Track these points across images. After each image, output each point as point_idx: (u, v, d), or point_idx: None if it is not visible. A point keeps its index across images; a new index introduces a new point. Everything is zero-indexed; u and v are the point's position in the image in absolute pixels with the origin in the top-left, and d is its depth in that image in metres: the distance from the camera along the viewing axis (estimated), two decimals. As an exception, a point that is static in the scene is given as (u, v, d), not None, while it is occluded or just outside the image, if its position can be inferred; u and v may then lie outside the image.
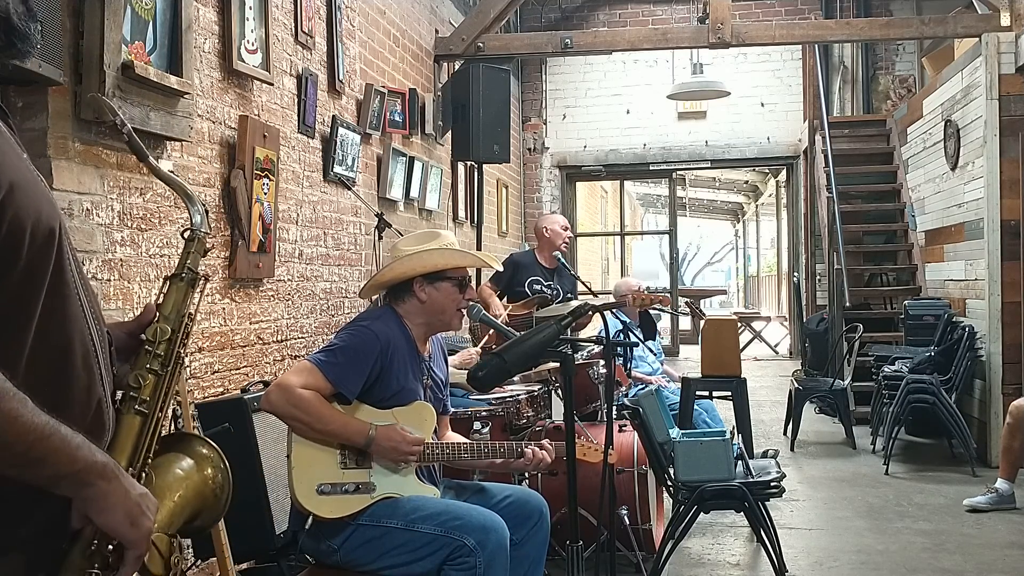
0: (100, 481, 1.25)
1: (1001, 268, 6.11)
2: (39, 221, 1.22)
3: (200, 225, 1.66)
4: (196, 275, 1.62)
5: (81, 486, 1.24)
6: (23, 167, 1.24)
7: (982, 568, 4.13)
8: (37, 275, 1.23)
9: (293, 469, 2.61)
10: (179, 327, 1.57)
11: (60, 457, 1.20)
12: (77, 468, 1.22)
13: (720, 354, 5.58)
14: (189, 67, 3.34)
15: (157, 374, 1.51)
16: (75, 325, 1.31)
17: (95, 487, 1.24)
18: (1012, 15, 6.22)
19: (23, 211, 1.19)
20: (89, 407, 1.33)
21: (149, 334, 1.54)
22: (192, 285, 1.61)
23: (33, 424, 1.16)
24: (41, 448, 1.17)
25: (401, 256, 2.83)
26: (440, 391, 2.96)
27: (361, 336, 2.68)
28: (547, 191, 10.84)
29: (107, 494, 1.25)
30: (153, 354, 1.52)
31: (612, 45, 7.59)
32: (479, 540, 2.54)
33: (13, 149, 1.24)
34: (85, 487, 1.24)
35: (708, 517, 4.40)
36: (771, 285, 22.44)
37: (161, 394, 1.50)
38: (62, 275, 1.28)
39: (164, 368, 1.52)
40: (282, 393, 2.56)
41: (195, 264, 1.63)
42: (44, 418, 1.18)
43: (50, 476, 1.21)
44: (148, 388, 1.49)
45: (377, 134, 5.66)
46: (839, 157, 8.65)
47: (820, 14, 9.88)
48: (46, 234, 1.24)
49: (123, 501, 1.27)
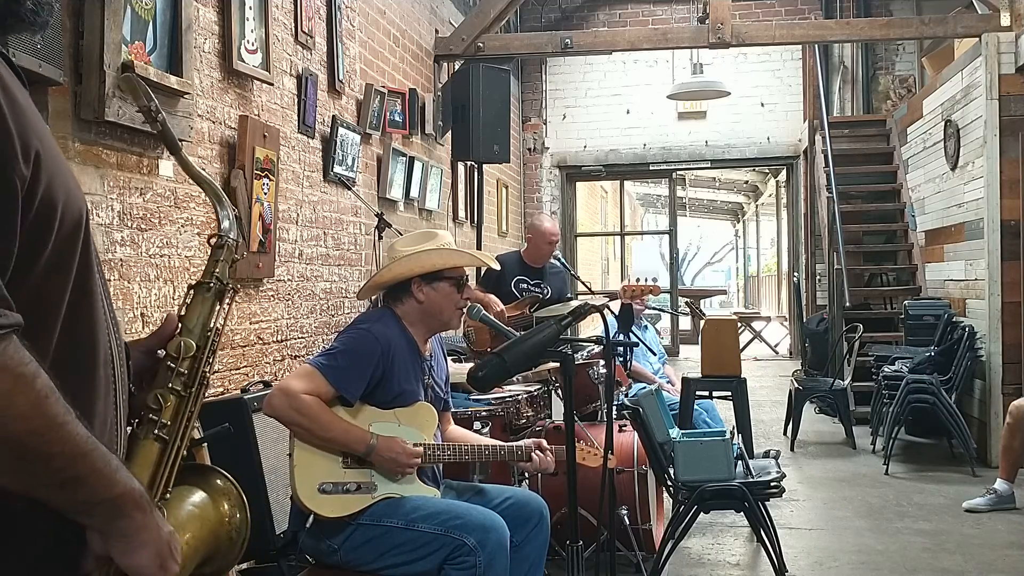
0: (136, 512, 1.07)
1: (1001, 268, 6.11)
2: (69, 201, 1.06)
3: (229, 231, 1.49)
4: (224, 286, 1.46)
5: (116, 516, 1.06)
6: (51, 140, 1.09)
7: (982, 568, 4.13)
8: (64, 265, 1.07)
9: (295, 468, 2.61)
10: (205, 343, 1.40)
11: (100, 479, 1.03)
12: (115, 493, 1.05)
13: (720, 354, 5.58)
14: (189, 67, 3.34)
15: (180, 395, 1.33)
16: (100, 328, 1.15)
17: (131, 519, 1.07)
18: (1012, 15, 6.22)
19: (54, 185, 1.03)
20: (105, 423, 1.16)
21: (172, 349, 1.37)
22: (220, 297, 1.45)
23: (78, 435, 1.00)
24: (83, 465, 1.00)
25: (398, 257, 2.83)
26: (441, 390, 2.96)
27: (362, 339, 2.69)
28: (547, 191, 10.85)
29: (142, 528, 1.08)
30: (176, 372, 1.34)
31: (612, 45, 7.59)
32: (479, 539, 2.55)
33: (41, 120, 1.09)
34: (120, 518, 1.06)
35: (708, 517, 4.40)
36: (771, 285, 22.43)
37: (184, 418, 1.33)
38: (88, 269, 1.12)
39: (187, 389, 1.35)
40: (284, 398, 2.56)
41: (224, 274, 1.46)
42: (85, 431, 1.01)
43: (85, 501, 1.03)
44: (169, 411, 1.31)
45: (377, 134, 5.66)
46: (839, 157, 8.65)
47: (820, 14, 9.88)
48: (76, 218, 1.08)
49: (156, 539, 1.10)
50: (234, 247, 1.48)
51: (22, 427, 0.94)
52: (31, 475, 0.98)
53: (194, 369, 1.36)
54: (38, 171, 1.00)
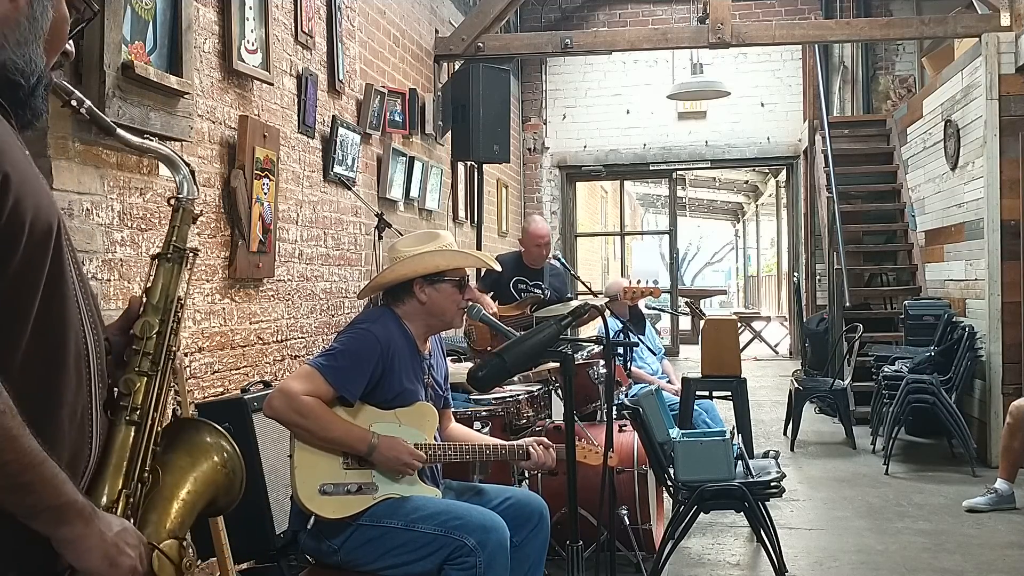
0: (78, 521, 1.20)
1: (1001, 268, 6.11)
2: (38, 215, 1.17)
3: (188, 192, 1.50)
4: (183, 252, 1.48)
5: (59, 523, 1.19)
6: (23, 160, 1.20)
7: (982, 568, 4.13)
8: (34, 271, 1.18)
9: (296, 469, 2.61)
10: (168, 316, 1.44)
11: (47, 488, 1.16)
12: (60, 502, 1.18)
13: (720, 354, 5.58)
14: (189, 67, 3.34)
15: (148, 375, 1.40)
16: (71, 327, 1.25)
17: (72, 526, 1.20)
18: (1012, 15, 6.22)
19: (22, 202, 1.14)
20: (75, 415, 1.27)
21: (136, 330, 1.42)
22: (180, 264, 1.47)
23: (29, 448, 1.13)
24: (31, 474, 1.13)
25: (401, 258, 2.83)
26: (441, 388, 2.97)
27: (362, 339, 2.69)
28: (547, 191, 10.85)
29: (84, 536, 1.21)
30: (142, 353, 1.40)
31: (612, 45, 7.59)
32: (479, 540, 2.55)
33: (15, 141, 1.21)
34: (63, 525, 1.19)
35: (708, 517, 4.40)
36: (771, 285, 22.43)
37: (154, 397, 1.39)
38: (61, 274, 1.23)
39: (155, 367, 1.41)
40: (285, 399, 2.56)
41: (183, 238, 1.48)
42: (37, 445, 1.14)
43: (31, 506, 1.16)
44: (140, 393, 1.38)
45: (377, 134, 5.66)
46: (839, 157, 8.65)
47: (820, 14, 9.88)
48: (45, 229, 1.19)
49: (99, 543, 1.22)
50: (191, 208, 1.51)
51: None
52: None
53: (160, 345, 1.42)
54: (4, 194, 1.12)
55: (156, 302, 1.44)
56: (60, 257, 1.23)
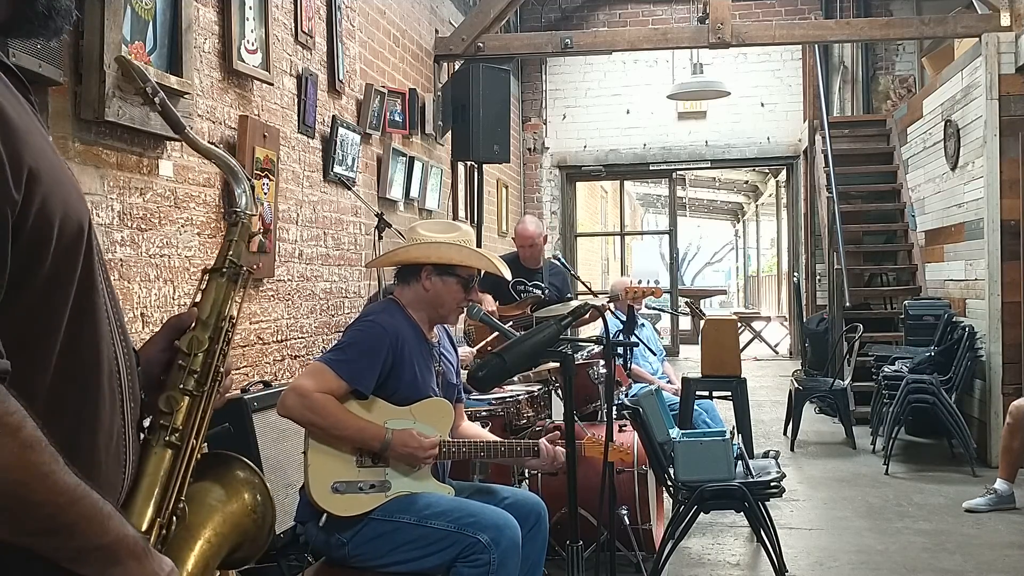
0: (130, 560, 1.04)
1: (1001, 268, 6.11)
2: (68, 214, 1.03)
3: (246, 206, 1.40)
4: (239, 268, 1.37)
5: (109, 563, 1.02)
6: (49, 152, 1.05)
7: (982, 568, 4.13)
8: (64, 279, 1.03)
9: (309, 467, 2.61)
10: (218, 335, 1.32)
11: (91, 526, 0.99)
12: (108, 540, 1.01)
13: (720, 354, 5.58)
14: (189, 67, 3.34)
15: (192, 395, 1.27)
16: (103, 340, 1.11)
17: (124, 567, 1.03)
18: (1012, 15, 6.22)
19: (50, 200, 1.00)
20: (111, 439, 1.13)
21: (184, 344, 1.29)
22: (235, 281, 1.37)
23: (66, 484, 0.96)
24: (72, 514, 0.97)
25: (418, 240, 2.83)
26: (452, 375, 2.96)
27: (370, 331, 2.69)
28: (547, 191, 10.84)
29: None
30: (188, 370, 1.28)
31: (612, 45, 7.59)
32: (493, 537, 2.55)
33: (39, 130, 1.05)
34: (113, 565, 1.03)
35: (708, 517, 4.39)
36: (771, 285, 22.43)
37: (196, 419, 1.27)
38: (91, 280, 1.08)
39: (200, 388, 1.28)
40: (297, 398, 2.56)
41: (238, 254, 1.38)
42: (75, 478, 0.98)
43: (76, 548, 0.99)
44: (182, 413, 1.25)
45: (377, 134, 5.66)
46: (839, 157, 8.65)
47: (820, 14, 9.88)
48: (75, 230, 1.04)
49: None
50: (249, 223, 1.41)
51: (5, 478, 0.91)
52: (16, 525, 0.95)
53: (207, 364, 1.30)
54: (31, 192, 0.98)
55: (206, 318, 1.32)
56: (91, 262, 1.08)
